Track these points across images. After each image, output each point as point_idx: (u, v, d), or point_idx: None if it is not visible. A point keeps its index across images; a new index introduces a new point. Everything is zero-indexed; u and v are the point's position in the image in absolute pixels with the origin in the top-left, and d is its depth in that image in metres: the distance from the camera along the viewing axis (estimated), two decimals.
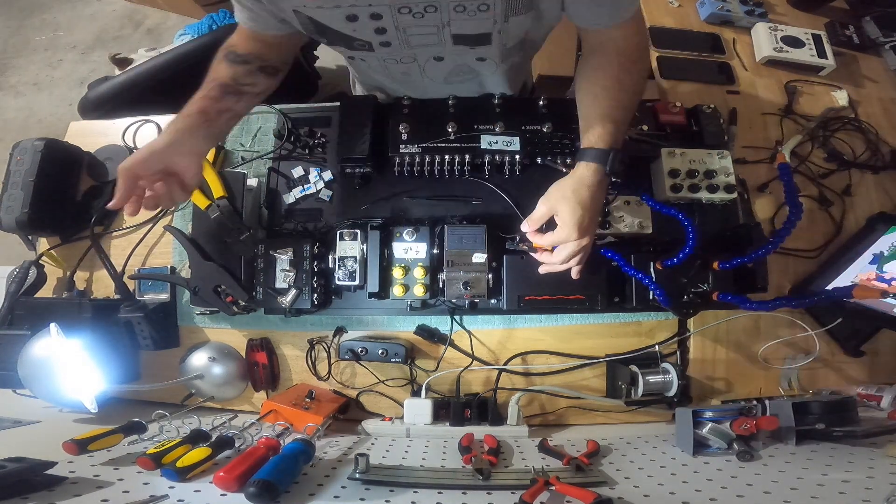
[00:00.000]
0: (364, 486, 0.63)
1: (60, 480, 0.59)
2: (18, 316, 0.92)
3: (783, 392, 0.93)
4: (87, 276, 1.02)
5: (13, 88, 2.65)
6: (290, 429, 0.81)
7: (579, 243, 0.70)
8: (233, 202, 0.89)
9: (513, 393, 0.90)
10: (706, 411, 0.77)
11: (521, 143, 0.91)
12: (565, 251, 0.71)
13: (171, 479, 0.62)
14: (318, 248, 0.88)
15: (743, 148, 1.03)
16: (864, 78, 1.18)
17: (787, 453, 0.74)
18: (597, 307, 0.83)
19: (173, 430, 0.79)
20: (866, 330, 0.95)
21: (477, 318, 0.93)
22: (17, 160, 0.98)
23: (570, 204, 0.68)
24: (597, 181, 0.70)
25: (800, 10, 1.27)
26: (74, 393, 0.80)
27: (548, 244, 0.72)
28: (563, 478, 0.65)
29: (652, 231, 0.87)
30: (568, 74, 1.47)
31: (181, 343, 0.98)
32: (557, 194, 0.70)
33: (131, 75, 1.19)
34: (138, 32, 2.70)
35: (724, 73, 1.13)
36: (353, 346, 0.91)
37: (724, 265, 0.80)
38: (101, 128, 1.10)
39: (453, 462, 0.74)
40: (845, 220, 1.01)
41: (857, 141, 1.08)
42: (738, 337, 0.95)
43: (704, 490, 0.64)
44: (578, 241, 0.70)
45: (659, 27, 1.18)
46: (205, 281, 0.88)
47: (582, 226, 0.68)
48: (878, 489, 0.60)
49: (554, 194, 0.71)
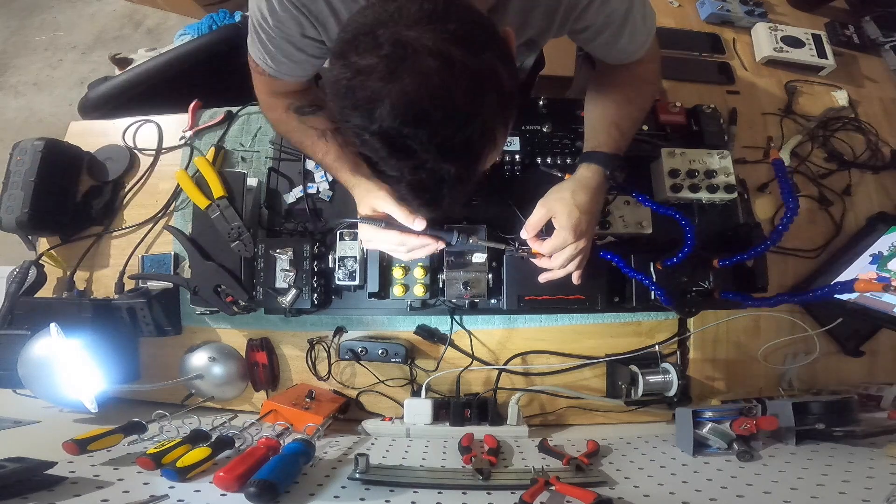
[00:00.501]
0: (364, 486, 0.63)
1: (60, 480, 0.59)
2: (18, 316, 0.91)
3: (783, 392, 0.93)
4: (87, 276, 1.01)
5: (13, 88, 2.65)
6: (290, 429, 0.81)
7: (576, 246, 0.70)
8: (233, 202, 0.89)
9: (513, 393, 0.89)
10: (706, 411, 0.77)
11: (520, 143, 0.91)
12: (563, 255, 0.71)
13: (171, 479, 0.62)
14: (318, 248, 0.88)
15: (743, 148, 1.03)
16: (864, 78, 1.18)
17: (787, 453, 0.74)
18: (597, 307, 0.83)
19: (173, 430, 0.79)
20: (866, 330, 0.96)
21: (477, 318, 0.93)
22: (17, 160, 0.98)
23: (568, 207, 0.68)
24: (597, 184, 0.71)
25: (800, 10, 1.27)
26: (74, 393, 0.80)
27: (546, 251, 0.72)
28: (563, 478, 0.65)
29: (652, 231, 0.87)
30: (568, 74, 1.47)
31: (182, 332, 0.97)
32: (555, 196, 0.71)
33: (131, 75, 1.19)
34: (138, 32, 2.70)
35: (724, 73, 1.13)
36: (353, 346, 0.91)
37: (724, 262, 0.80)
38: (101, 128, 1.10)
39: (453, 462, 0.74)
40: (845, 220, 1.01)
41: (857, 141, 1.08)
42: (738, 337, 0.95)
43: (704, 490, 0.64)
44: (575, 244, 0.70)
45: (659, 27, 1.17)
46: (205, 281, 0.88)
47: (579, 229, 0.68)
48: (878, 489, 0.60)
49: (552, 196, 0.71)
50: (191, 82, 1.18)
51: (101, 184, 1.04)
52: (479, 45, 0.45)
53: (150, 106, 1.11)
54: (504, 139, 0.54)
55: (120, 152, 1.06)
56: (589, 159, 0.73)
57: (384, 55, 0.43)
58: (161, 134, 1.06)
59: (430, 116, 0.43)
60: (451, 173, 0.48)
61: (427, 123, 0.44)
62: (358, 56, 0.44)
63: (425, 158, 0.46)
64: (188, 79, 1.19)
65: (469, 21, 0.46)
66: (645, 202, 0.84)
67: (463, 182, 0.50)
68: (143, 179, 1.04)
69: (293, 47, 0.68)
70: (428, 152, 0.45)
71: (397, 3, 0.45)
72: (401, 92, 0.43)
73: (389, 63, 0.43)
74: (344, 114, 0.46)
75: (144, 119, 1.08)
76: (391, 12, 0.45)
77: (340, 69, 0.45)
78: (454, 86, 0.43)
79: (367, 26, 0.45)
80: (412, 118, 0.43)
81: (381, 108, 0.43)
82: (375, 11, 0.46)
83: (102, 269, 1.01)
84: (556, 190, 0.72)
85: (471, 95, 0.44)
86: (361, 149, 0.49)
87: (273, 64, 0.72)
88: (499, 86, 0.46)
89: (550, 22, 0.69)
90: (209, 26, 1.44)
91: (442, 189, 0.50)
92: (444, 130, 0.44)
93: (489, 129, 0.48)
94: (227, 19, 1.46)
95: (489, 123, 0.47)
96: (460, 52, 0.43)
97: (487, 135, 0.48)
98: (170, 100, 1.11)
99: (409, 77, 0.42)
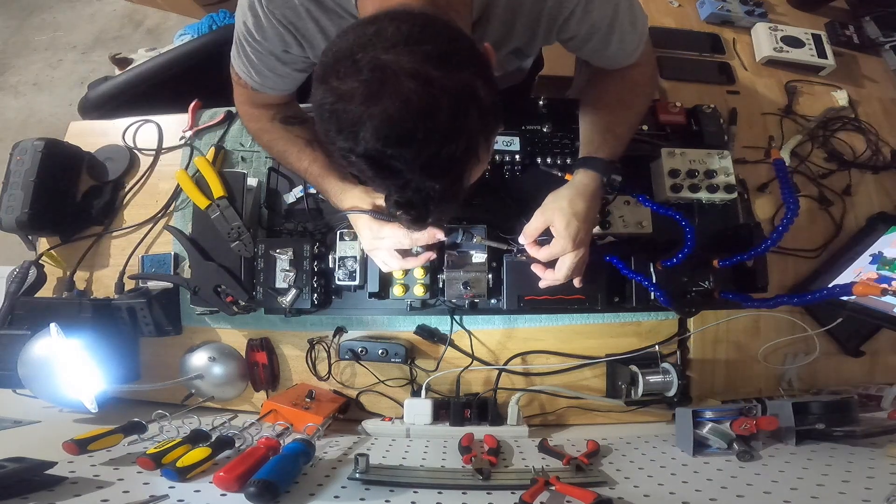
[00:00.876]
0: (364, 486, 0.63)
1: (60, 480, 0.59)
2: (18, 316, 0.91)
3: (783, 392, 0.93)
4: (87, 276, 1.01)
5: (13, 88, 2.65)
6: (290, 429, 0.81)
7: (576, 255, 0.70)
8: (233, 202, 0.89)
9: (513, 393, 0.89)
10: (706, 411, 0.77)
11: (520, 143, 0.91)
12: (564, 267, 0.71)
13: (171, 479, 0.62)
14: (318, 248, 0.88)
15: (743, 148, 1.03)
16: (864, 78, 1.18)
17: (787, 453, 0.74)
18: (597, 307, 0.83)
19: (173, 430, 0.79)
20: (866, 330, 0.96)
21: (477, 318, 0.93)
22: (17, 160, 0.98)
23: (566, 216, 0.69)
24: (593, 190, 0.71)
25: (800, 10, 1.27)
26: (74, 393, 0.80)
27: (544, 258, 0.73)
28: (563, 478, 0.65)
29: (651, 231, 0.87)
30: (568, 74, 1.46)
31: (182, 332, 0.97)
32: (554, 206, 0.71)
33: (131, 75, 1.19)
34: (138, 32, 2.70)
35: (724, 73, 1.13)
36: (353, 346, 0.91)
37: (724, 262, 0.80)
38: (101, 128, 1.10)
39: (453, 462, 0.74)
40: (845, 220, 1.01)
41: (857, 141, 1.08)
42: (738, 337, 0.95)
43: (704, 490, 0.64)
44: (575, 252, 0.70)
45: (659, 27, 1.18)
46: (205, 281, 0.88)
47: (577, 238, 0.69)
48: (878, 489, 0.60)
49: (550, 205, 0.71)
50: (191, 82, 1.18)
51: (101, 184, 1.04)
52: (456, 63, 0.46)
53: (150, 106, 1.11)
54: (488, 154, 0.55)
55: (120, 152, 1.05)
56: (585, 165, 0.73)
57: (363, 80, 0.44)
58: (161, 134, 1.06)
59: (413, 136, 0.44)
60: (436, 190, 0.49)
61: (410, 143, 0.44)
62: (339, 80, 0.45)
63: (410, 178, 0.47)
64: (188, 79, 1.19)
65: (446, 40, 0.47)
66: (645, 202, 0.84)
67: (449, 198, 0.51)
68: (143, 179, 1.04)
69: (278, 62, 0.69)
70: (413, 171, 0.46)
71: (376, 25, 0.46)
72: (382, 114, 0.43)
73: (370, 86, 0.44)
74: (329, 137, 0.47)
75: (144, 119, 1.08)
76: (370, 35, 0.45)
77: (323, 94, 0.46)
78: (434, 105, 0.44)
79: (347, 50, 0.46)
80: (395, 139, 0.44)
81: (364, 131, 0.44)
82: (355, 34, 0.46)
83: (102, 269, 1.01)
84: (554, 198, 0.72)
85: (451, 114, 0.45)
86: (349, 169, 0.50)
87: (257, 77, 0.72)
88: (478, 102, 0.47)
89: (534, 33, 0.69)
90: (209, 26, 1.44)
91: (428, 206, 0.51)
92: (428, 149, 0.45)
93: (472, 146, 0.48)
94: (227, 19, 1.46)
95: (472, 140, 0.48)
96: (438, 72, 0.44)
97: (470, 151, 0.49)
98: (170, 100, 1.11)
99: (389, 99, 0.43)
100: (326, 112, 0.46)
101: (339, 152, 0.48)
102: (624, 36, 0.69)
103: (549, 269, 0.74)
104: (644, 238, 0.87)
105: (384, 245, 0.74)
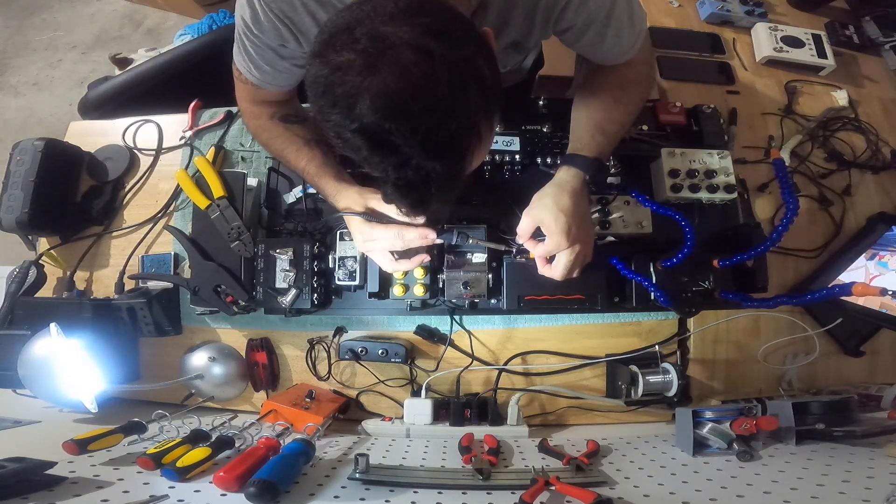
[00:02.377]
0: (364, 486, 0.63)
1: (60, 480, 0.59)
2: (18, 316, 0.92)
3: (783, 392, 0.93)
4: (87, 276, 1.01)
5: (13, 88, 2.65)
6: (290, 429, 0.81)
7: (573, 250, 0.70)
8: (233, 202, 0.89)
9: (513, 393, 0.89)
10: (706, 411, 0.77)
11: (520, 143, 0.91)
12: (562, 264, 0.71)
13: (171, 479, 0.62)
14: (318, 248, 0.88)
15: (743, 148, 1.03)
16: (864, 78, 1.18)
17: (787, 453, 0.74)
18: (597, 307, 0.83)
19: (173, 430, 0.79)
20: (866, 330, 0.95)
21: (477, 318, 0.93)
22: (17, 160, 0.98)
23: (553, 212, 0.68)
24: (575, 187, 0.70)
25: (800, 10, 1.27)
26: (74, 393, 0.80)
27: (540, 254, 0.72)
28: (563, 478, 0.65)
29: (652, 231, 0.87)
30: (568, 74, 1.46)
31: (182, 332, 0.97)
32: (539, 204, 0.70)
33: (131, 75, 1.19)
34: (138, 32, 2.70)
35: (724, 73, 1.13)
36: (353, 346, 0.91)
37: (724, 262, 0.80)
38: (101, 128, 1.10)
39: (453, 462, 0.74)
40: (845, 220, 1.01)
41: (857, 141, 1.08)
42: (738, 337, 0.95)
43: (704, 490, 0.64)
44: (571, 248, 0.69)
45: (659, 27, 1.18)
46: (205, 281, 0.88)
47: (569, 233, 0.68)
48: (878, 489, 0.60)
49: (535, 205, 0.71)
50: (191, 82, 1.18)
51: (101, 184, 1.04)
52: (457, 38, 0.45)
53: (150, 106, 1.11)
54: (490, 137, 0.53)
55: (120, 152, 1.05)
56: (570, 162, 0.72)
57: (361, 50, 0.42)
58: (161, 134, 1.06)
59: (412, 109, 0.42)
60: (437, 170, 0.46)
61: (409, 116, 0.43)
62: (335, 53, 0.44)
63: (409, 154, 0.45)
64: (188, 79, 1.19)
65: (447, 18, 0.46)
66: (645, 202, 0.84)
67: (450, 181, 0.49)
68: (143, 179, 1.04)
69: (276, 56, 0.68)
70: (411, 147, 0.44)
71: (373, 2, 0.45)
72: (380, 85, 0.42)
73: (367, 57, 0.42)
74: (324, 113, 0.45)
75: (144, 119, 1.08)
76: (367, 11, 0.44)
77: (318, 67, 0.45)
78: (434, 77, 0.42)
79: (344, 25, 0.45)
80: (393, 111, 0.42)
81: (361, 104, 0.42)
82: (352, 12, 0.45)
83: (102, 269, 1.01)
84: (539, 197, 0.71)
85: (452, 87, 0.43)
86: (343, 150, 0.48)
87: (257, 73, 0.72)
88: (481, 78, 0.46)
89: (531, 23, 0.68)
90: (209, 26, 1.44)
91: (429, 188, 0.48)
92: (427, 123, 0.43)
93: (473, 123, 0.47)
94: (227, 19, 1.47)
95: (473, 117, 0.46)
96: (439, 44, 0.43)
97: (472, 129, 0.47)
98: (170, 100, 1.11)
99: (387, 70, 0.42)
100: (321, 86, 0.44)
101: (334, 129, 0.46)
102: (621, 30, 0.69)
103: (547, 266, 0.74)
104: (644, 238, 0.87)
105: (376, 247, 0.74)
